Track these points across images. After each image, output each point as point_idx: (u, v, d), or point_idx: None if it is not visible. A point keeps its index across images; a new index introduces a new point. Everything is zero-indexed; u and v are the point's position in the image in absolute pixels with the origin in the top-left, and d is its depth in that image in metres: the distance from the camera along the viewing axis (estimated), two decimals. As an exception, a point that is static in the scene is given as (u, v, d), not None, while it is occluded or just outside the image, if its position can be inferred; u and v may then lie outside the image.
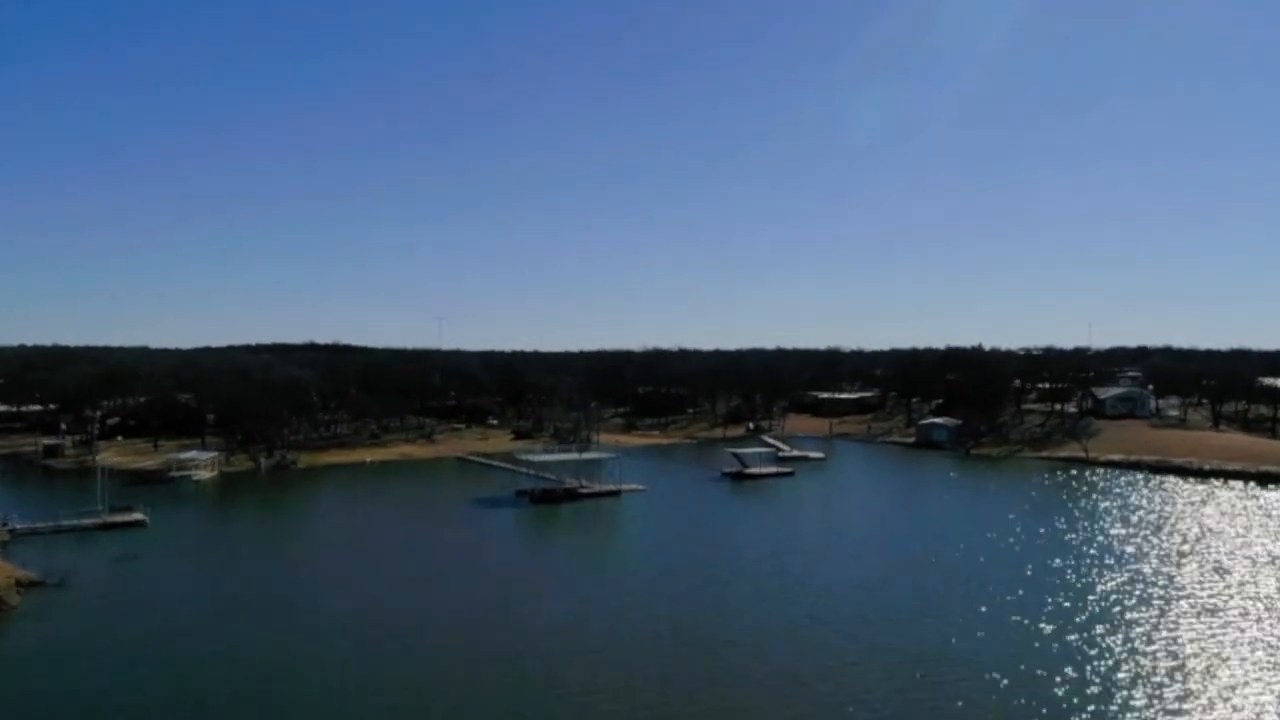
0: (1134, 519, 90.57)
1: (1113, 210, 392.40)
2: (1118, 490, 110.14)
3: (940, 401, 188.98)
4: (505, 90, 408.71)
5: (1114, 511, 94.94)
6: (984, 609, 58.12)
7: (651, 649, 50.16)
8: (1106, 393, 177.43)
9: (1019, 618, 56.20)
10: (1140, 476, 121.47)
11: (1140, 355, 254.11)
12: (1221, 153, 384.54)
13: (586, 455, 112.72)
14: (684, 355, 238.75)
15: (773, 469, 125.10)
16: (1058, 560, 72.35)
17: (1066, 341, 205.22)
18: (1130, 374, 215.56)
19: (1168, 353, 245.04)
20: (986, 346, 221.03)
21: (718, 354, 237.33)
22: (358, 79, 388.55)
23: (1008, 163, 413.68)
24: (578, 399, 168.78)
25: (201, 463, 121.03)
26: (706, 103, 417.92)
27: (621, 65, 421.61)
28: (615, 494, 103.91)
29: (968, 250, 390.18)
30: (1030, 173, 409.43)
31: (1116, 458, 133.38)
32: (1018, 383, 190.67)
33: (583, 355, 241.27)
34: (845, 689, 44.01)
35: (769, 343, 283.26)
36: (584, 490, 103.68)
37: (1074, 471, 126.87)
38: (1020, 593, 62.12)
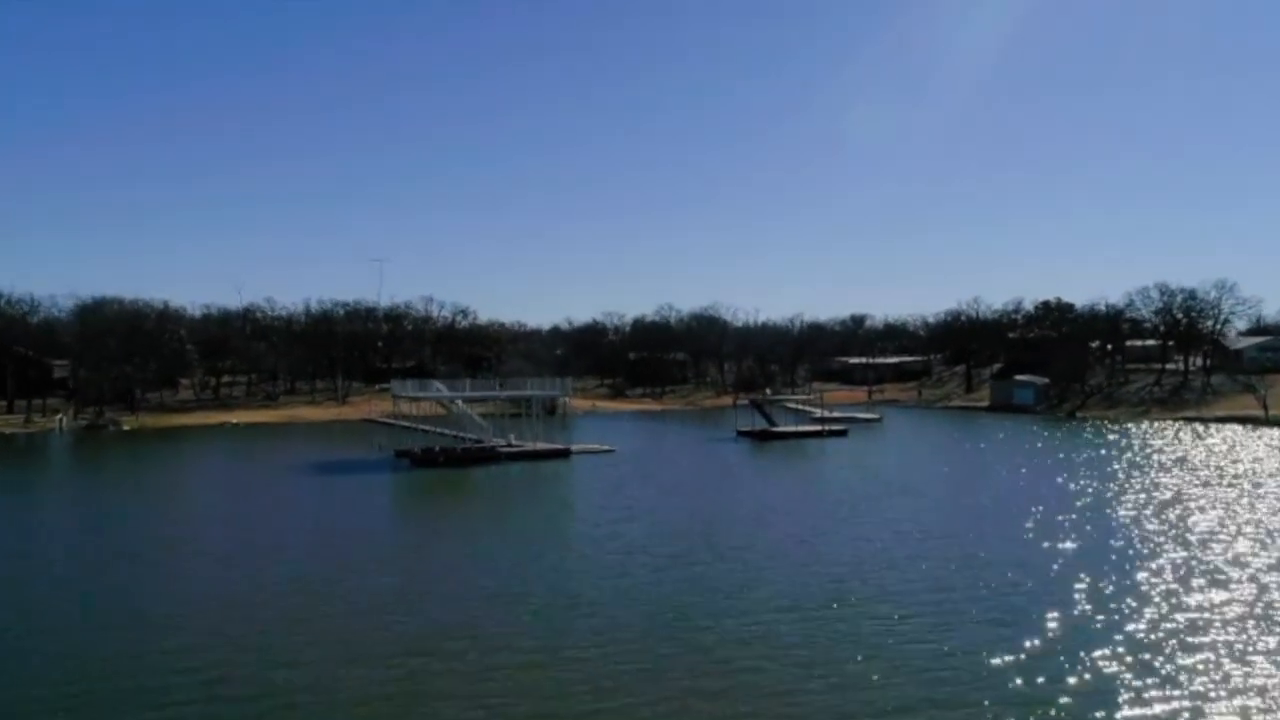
0: None
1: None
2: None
3: (1000, 365, 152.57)
4: (505, 82, 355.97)
5: None
6: None
7: None
8: (1241, 342, 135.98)
9: None
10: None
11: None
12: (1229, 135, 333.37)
13: (512, 393, 70.13)
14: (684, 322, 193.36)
15: (813, 426, 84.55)
16: None
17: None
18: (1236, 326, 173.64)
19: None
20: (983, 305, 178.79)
21: (723, 323, 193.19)
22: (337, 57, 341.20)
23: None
24: (543, 352, 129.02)
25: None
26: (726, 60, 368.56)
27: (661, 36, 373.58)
28: (563, 455, 63.10)
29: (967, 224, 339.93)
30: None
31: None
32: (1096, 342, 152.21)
33: (574, 330, 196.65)
34: None
35: (785, 310, 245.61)
36: (507, 449, 62.46)
37: (1256, 434, 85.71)
38: None
